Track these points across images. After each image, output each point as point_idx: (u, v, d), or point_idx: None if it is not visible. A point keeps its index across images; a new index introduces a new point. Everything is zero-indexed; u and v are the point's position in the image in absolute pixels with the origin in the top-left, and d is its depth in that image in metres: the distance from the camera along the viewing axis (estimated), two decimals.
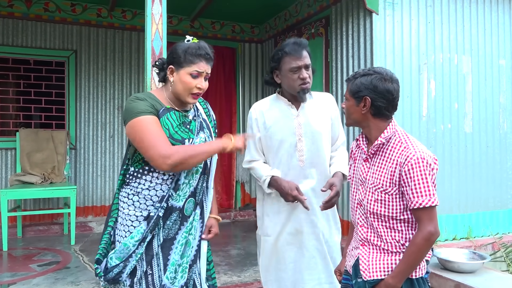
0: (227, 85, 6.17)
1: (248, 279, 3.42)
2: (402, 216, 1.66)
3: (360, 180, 1.79)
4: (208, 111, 2.02)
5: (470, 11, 4.34)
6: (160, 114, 1.77)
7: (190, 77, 1.79)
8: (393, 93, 1.69)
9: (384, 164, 1.69)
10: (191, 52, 1.79)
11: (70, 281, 3.34)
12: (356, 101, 1.72)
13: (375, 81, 1.68)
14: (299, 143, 2.25)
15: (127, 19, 5.61)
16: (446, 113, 4.18)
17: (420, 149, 1.63)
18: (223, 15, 5.88)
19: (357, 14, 4.12)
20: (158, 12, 2.70)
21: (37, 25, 5.26)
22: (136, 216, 1.79)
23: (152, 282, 1.77)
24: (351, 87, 1.75)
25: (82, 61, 5.46)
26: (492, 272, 3.17)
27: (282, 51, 2.21)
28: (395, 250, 1.68)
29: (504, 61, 4.52)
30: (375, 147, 1.72)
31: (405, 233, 1.67)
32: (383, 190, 1.67)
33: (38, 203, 5.20)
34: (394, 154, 1.66)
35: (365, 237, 1.76)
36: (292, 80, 2.20)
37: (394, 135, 1.71)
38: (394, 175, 1.64)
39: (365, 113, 1.71)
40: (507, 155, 4.48)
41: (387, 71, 1.72)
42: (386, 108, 1.70)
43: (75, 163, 5.42)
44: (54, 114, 5.37)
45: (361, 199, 1.77)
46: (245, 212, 6.00)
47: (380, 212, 1.68)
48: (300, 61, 2.17)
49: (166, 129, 1.75)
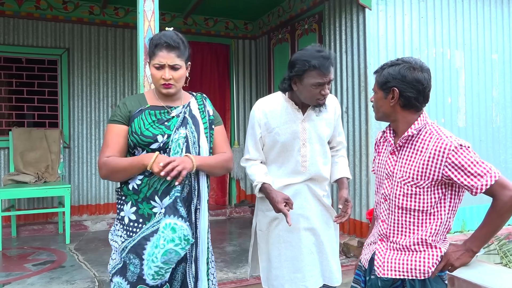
0: (220, 82, 6.16)
1: (243, 275, 3.42)
2: (432, 209, 1.61)
3: (386, 174, 1.72)
4: (204, 107, 1.97)
5: (462, 6, 4.35)
6: (135, 114, 1.82)
7: (154, 69, 1.81)
8: (423, 83, 1.61)
9: (414, 156, 1.63)
10: (152, 43, 1.81)
11: (65, 280, 3.33)
12: (384, 93, 1.66)
13: (403, 70, 1.61)
14: (302, 148, 2.21)
15: (119, 16, 5.58)
16: (439, 107, 4.19)
17: (454, 137, 1.58)
18: (217, 11, 5.86)
19: (350, 10, 4.12)
20: (150, 9, 2.68)
21: (28, 23, 5.21)
22: None
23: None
24: (378, 79, 1.69)
25: (74, 59, 5.42)
26: (486, 265, 3.20)
27: (309, 63, 2.02)
28: (414, 247, 1.65)
29: (496, 55, 4.55)
30: (403, 139, 1.66)
31: (431, 227, 1.62)
32: (414, 184, 1.61)
33: (32, 202, 5.17)
34: (425, 146, 1.60)
35: (384, 233, 1.72)
36: (312, 94, 2.09)
37: (424, 127, 1.65)
38: (428, 168, 1.58)
39: (393, 105, 1.65)
40: (500, 149, 4.51)
41: (416, 60, 1.65)
42: (416, 98, 1.62)
43: (69, 162, 5.39)
44: (47, 113, 5.33)
45: (387, 193, 1.71)
46: (240, 208, 6.01)
47: (409, 206, 1.63)
48: (326, 78, 2.05)
49: (138, 128, 1.79)
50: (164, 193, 1.77)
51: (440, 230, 1.63)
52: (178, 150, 1.79)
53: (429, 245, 1.64)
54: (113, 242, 1.85)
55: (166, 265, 1.69)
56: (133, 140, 1.80)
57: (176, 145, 1.79)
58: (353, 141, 4.09)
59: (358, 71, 4.01)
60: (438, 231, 1.63)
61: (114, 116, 1.85)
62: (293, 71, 2.08)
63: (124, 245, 1.77)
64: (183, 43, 1.84)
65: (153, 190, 1.78)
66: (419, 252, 1.64)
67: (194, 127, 1.87)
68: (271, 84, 5.71)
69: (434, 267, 1.62)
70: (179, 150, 1.79)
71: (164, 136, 1.79)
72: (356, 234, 4.05)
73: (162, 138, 1.78)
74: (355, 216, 4.07)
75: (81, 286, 3.21)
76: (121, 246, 1.78)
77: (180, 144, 1.80)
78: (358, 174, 4.00)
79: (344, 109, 4.20)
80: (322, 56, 2.03)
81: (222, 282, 3.25)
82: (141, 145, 1.80)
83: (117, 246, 1.81)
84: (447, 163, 1.54)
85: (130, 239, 1.76)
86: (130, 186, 1.80)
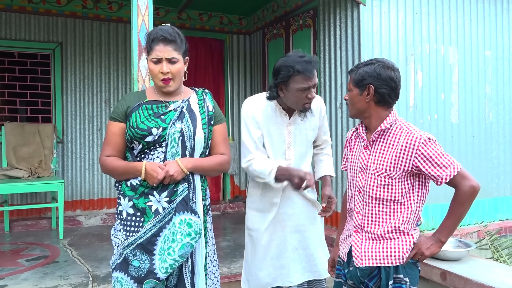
0: (215, 77, 6.14)
1: (237, 270, 3.43)
2: (403, 199, 1.74)
3: (359, 168, 1.83)
4: (204, 102, 1.96)
5: (456, 2, 4.36)
6: (133, 109, 1.85)
7: (152, 64, 1.82)
8: (395, 80, 1.76)
9: (386, 149, 1.75)
10: (149, 38, 1.83)
11: (59, 275, 3.32)
12: (360, 90, 1.77)
13: (378, 69, 1.74)
14: (287, 151, 2.27)
15: (113, 10, 5.53)
16: (433, 103, 4.21)
17: (423, 132, 1.73)
18: (211, 6, 5.83)
19: (344, 5, 4.12)
20: (144, 3, 2.67)
21: (21, 17, 5.16)
22: None
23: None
24: (354, 77, 1.80)
25: (68, 54, 5.38)
26: (478, 260, 3.23)
27: (293, 68, 2.06)
28: (388, 235, 1.75)
29: (489, 52, 4.57)
30: (376, 134, 1.78)
31: (403, 216, 1.75)
32: (386, 175, 1.74)
33: (25, 197, 5.15)
34: (397, 139, 1.74)
35: (359, 224, 1.82)
36: (299, 99, 2.13)
37: (395, 122, 1.78)
38: (399, 159, 1.71)
39: (368, 101, 1.77)
40: (492, 145, 4.55)
41: (388, 61, 1.80)
42: (389, 95, 1.75)
43: (63, 157, 5.36)
44: (40, 107, 5.30)
45: (361, 185, 1.81)
46: (234, 204, 6.02)
47: (382, 197, 1.75)
48: (311, 81, 2.10)
49: (135, 121, 1.82)
50: (163, 189, 1.81)
51: (411, 219, 1.76)
52: (174, 145, 1.82)
53: (402, 232, 1.76)
54: (114, 238, 1.88)
55: (182, 258, 1.78)
56: (130, 134, 1.83)
57: (172, 139, 1.81)
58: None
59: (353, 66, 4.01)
60: (409, 219, 1.76)
61: (113, 113, 1.90)
62: (278, 78, 2.12)
63: (129, 241, 1.79)
64: (179, 36, 1.86)
65: (152, 188, 1.82)
66: (393, 239, 1.75)
67: (191, 121, 1.87)
68: (266, 80, 5.71)
69: (407, 253, 1.74)
70: (174, 145, 1.82)
71: (159, 129, 1.79)
72: None
73: (156, 131, 1.79)
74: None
75: (75, 281, 3.21)
76: (124, 243, 1.79)
77: (176, 138, 1.82)
78: None
79: (338, 105, 4.21)
80: (305, 61, 2.08)
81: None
82: (137, 138, 1.81)
83: (120, 242, 1.83)
84: (417, 155, 1.68)
85: (136, 235, 1.78)
86: (129, 183, 1.84)
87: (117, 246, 1.84)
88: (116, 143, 1.88)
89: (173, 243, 1.76)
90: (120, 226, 1.85)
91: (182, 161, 1.81)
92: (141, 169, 1.79)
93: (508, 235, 4.35)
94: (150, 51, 1.82)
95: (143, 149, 1.84)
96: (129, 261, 1.79)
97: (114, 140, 1.88)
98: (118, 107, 1.89)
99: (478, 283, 2.77)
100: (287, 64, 2.09)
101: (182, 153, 1.84)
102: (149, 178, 1.78)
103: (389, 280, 1.73)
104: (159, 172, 1.76)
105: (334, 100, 4.25)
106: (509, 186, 4.61)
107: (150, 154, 1.84)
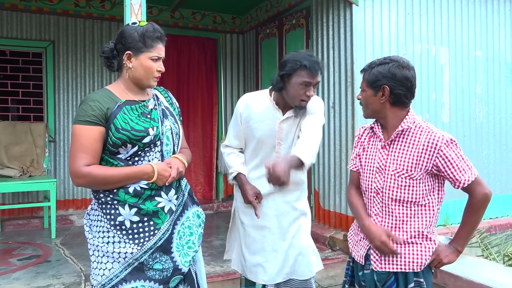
0: (208, 76, 6.13)
1: (231, 269, 3.43)
2: (424, 201, 1.69)
3: (377, 168, 1.76)
4: (170, 99, 1.99)
5: (448, 3, 4.41)
6: (115, 111, 1.72)
7: (151, 61, 1.78)
8: (411, 80, 1.70)
9: (407, 149, 1.69)
10: (149, 36, 1.76)
11: (51, 275, 3.31)
12: (374, 90, 1.71)
13: (393, 69, 1.67)
14: (277, 146, 2.30)
15: (105, 9, 5.51)
16: (424, 103, 4.25)
17: (444, 132, 1.69)
18: (204, 5, 5.83)
19: (337, 5, 4.15)
20: (137, 2, 2.67)
21: (12, 15, 5.12)
22: None
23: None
24: (368, 77, 1.74)
25: (60, 52, 5.35)
26: (468, 257, 3.28)
27: (300, 62, 2.13)
28: (412, 240, 1.69)
29: (480, 52, 4.62)
30: (395, 134, 1.72)
31: (425, 219, 1.70)
32: (408, 175, 1.67)
33: (17, 196, 5.11)
34: (418, 139, 1.68)
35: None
36: (297, 93, 2.17)
37: (414, 122, 1.73)
38: (421, 159, 1.66)
39: (383, 102, 1.71)
40: (482, 144, 4.60)
41: (403, 59, 1.72)
42: (405, 95, 1.70)
43: (55, 156, 5.33)
44: (32, 106, 5.26)
45: (379, 187, 1.75)
46: (227, 203, 6.02)
47: (403, 198, 1.69)
48: (314, 79, 2.16)
49: (126, 123, 1.71)
50: (168, 187, 1.80)
51: (433, 222, 1.72)
52: (168, 142, 1.83)
53: (425, 237, 1.71)
54: (115, 250, 1.71)
55: (199, 248, 1.88)
56: (121, 138, 1.69)
57: (165, 137, 1.82)
58: (339, 136, 4.12)
59: (345, 66, 4.04)
60: (432, 222, 1.71)
61: (85, 116, 1.68)
62: (284, 69, 2.18)
63: (148, 246, 1.72)
64: None
65: (157, 189, 1.77)
66: (416, 244, 1.69)
67: (173, 118, 1.90)
68: (259, 79, 5.72)
69: (428, 260, 1.69)
70: (168, 143, 1.83)
71: (154, 129, 1.78)
72: (342, 227, 4.10)
73: (152, 131, 1.77)
74: (341, 210, 4.11)
75: (67, 280, 3.20)
76: (141, 250, 1.71)
77: (168, 136, 1.83)
78: (345, 169, 4.05)
79: (330, 104, 4.23)
80: (313, 60, 2.16)
81: (209, 276, 3.27)
82: (133, 141, 1.71)
83: (127, 253, 1.70)
84: (439, 155, 1.64)
85: (155, 238, 1.73)
86: (131, 190, 1.71)
87: (124, 258, 1.71)
88: (96, 150, 1.69)
89: (191, 236, 1.84)
90: (120, 238, 1.71)
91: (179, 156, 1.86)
92: (151, 171, 1.71)
93: (497, 233, 4.42)
94: (151, 48, 1.76)
95: (137, 152, 1.74)
96: (146, 267, 1.73)
97: (94, 146, 1.68)
98: (93, 109, 1.69)
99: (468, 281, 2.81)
100: (295, 58, 2.16)
101: (173, 150, 1.87)
102: (161, 178, 1.73)
103: (409, 284, 1.69)
104: (170, 171, 1.76)
105: (326, 100, 4.27)
106: (499, 185, 4.67)
107: (146, 156, 1.77)
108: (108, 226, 1.73)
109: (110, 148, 1.73)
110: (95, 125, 1.69)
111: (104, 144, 1.72)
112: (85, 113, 1.69)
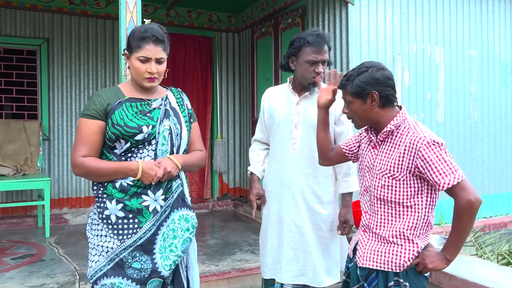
0: (203, 75, 6.12)
1: (226, 268, 3.44)
2: (409, 202, 1.68)
3: (367, 167, 1.81)
4: (182, 100, 1.98)
5: (443, 3, 4.42)
6: (115, 107, 1.77)
7: (139, 62, 1.78)
8: (392, 78, 1.73)
9: (391, 150, 1.71)
10: (137, 36, 1.77)
11: (45, 274, 3.29)
12: (362, 100, 1.72)
13: (373, 74, 1.70)
14: (294, 131, 2.27)
15: (100, 7, 5.48)
16: (419, 102, 4.27)
17: (429, 133, 1.65)
18: (200, 3, 5.81)
19: (333, 5, 4.15)
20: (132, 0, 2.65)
21: (6, 12, 5.08)
22: None
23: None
24: (351, 90, 1.73)
25: (54, 50, 5.31)
26: (462, 257, 3.29)
27: (304, 40, 2.16)
28: (392, 240, 1.70)
29: (475, 52, 4.64)
30: (383, 134, 1.74)
31: (409, 220, 1.68)
32: (390, 176, 1.68)
33: (10, 195, 5.08)
34: (402, 139, 1.68)
35: (367, 223, 1.80)
36: (307, 72, 2.19)
37: (403, 122, 1.73)
38: (403, 160, 1.66)
39: (374, 107, 1.72)
40: (477, 144, 4.62)
41: (375, 62, 1.78)
42: (392, 94, 1.73)
43: (49, 154, 5.30)
44: (26, 104, 5.23)
45: (367, 185, 1.79)
46: (223, 202, 6.01)
47: (386, 198, 1.70)
48: (320, 55, 2.16)
49: (121, 119, 1.76)
50: (157, 187, 1.78)
51: (419, 225, 1.68)
52: (164, 142, 1.81)
53: (407, 238, 1.69)
54: (100, 243, 1.76)
55: (183, 253, 1.81)
56: (115, 132, 1.75)
57: (162, 137, 1.81)
58: None
59: (341, 65, 4.04)
60: (417, 225, 1.68)
61: (88, 110, 1.78)
62: (291, 48, 2.23)
63: (127, 243, 1.73)
64: (167, 36, 1.85)
65: (145, 187, 1.77)
66: (396, 245, 1.69)
67: (176, 119, 1.89)
68: (254, 78, 5.71)
69: (409, 262, 1.68)
70: (165, 143, 1.82)
71: (148, 127, 1.78)
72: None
73: (147, 129, 1.77)
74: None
75: (62, 279, 3.18)
76: (121, 246, 1.73)
77: (165, 136, 1.82)
78: None
79: None
80: (316, 34, 2.18)
81: (204, 275, 3.27)
82: (125, 137, 1.75)
83: (110, 248, 1.74)
84: (418, 156, 1.62)
85: (135, 237, 1.74)
86: (117, 184, 1.75)
87: (106, 252, 1.75)
88: (93, 142, 1.77)
89: (174, 240, 1.79)
90: (107, 231, 1.76)
91: (173, 157, 1.82)
92: (136, 168, 1.73)
93: (491, 232, 4.44)
94: (138, 49, 1.77)
95: (130, 148, 1.78)
96: (126, 264, 1.74)
97: (92, 139, 1.76)
98: (95, 104, 1.78)
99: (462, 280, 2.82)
100: (300, 36, 2.21)
101: (170, 150, 1.85)
102: (146, 177, 1.73)
103: (389, 282, 1.69)
104: (157, 170, 1.74)
105: None
106: (493, 184, 4.70)
107: (138, 153, 1.79)
108: (98, 219, 1.79)
109: (107, 142, 1.80)
110: (95, 119, 1.77)
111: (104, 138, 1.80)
112: (89, 107, 1.79)
